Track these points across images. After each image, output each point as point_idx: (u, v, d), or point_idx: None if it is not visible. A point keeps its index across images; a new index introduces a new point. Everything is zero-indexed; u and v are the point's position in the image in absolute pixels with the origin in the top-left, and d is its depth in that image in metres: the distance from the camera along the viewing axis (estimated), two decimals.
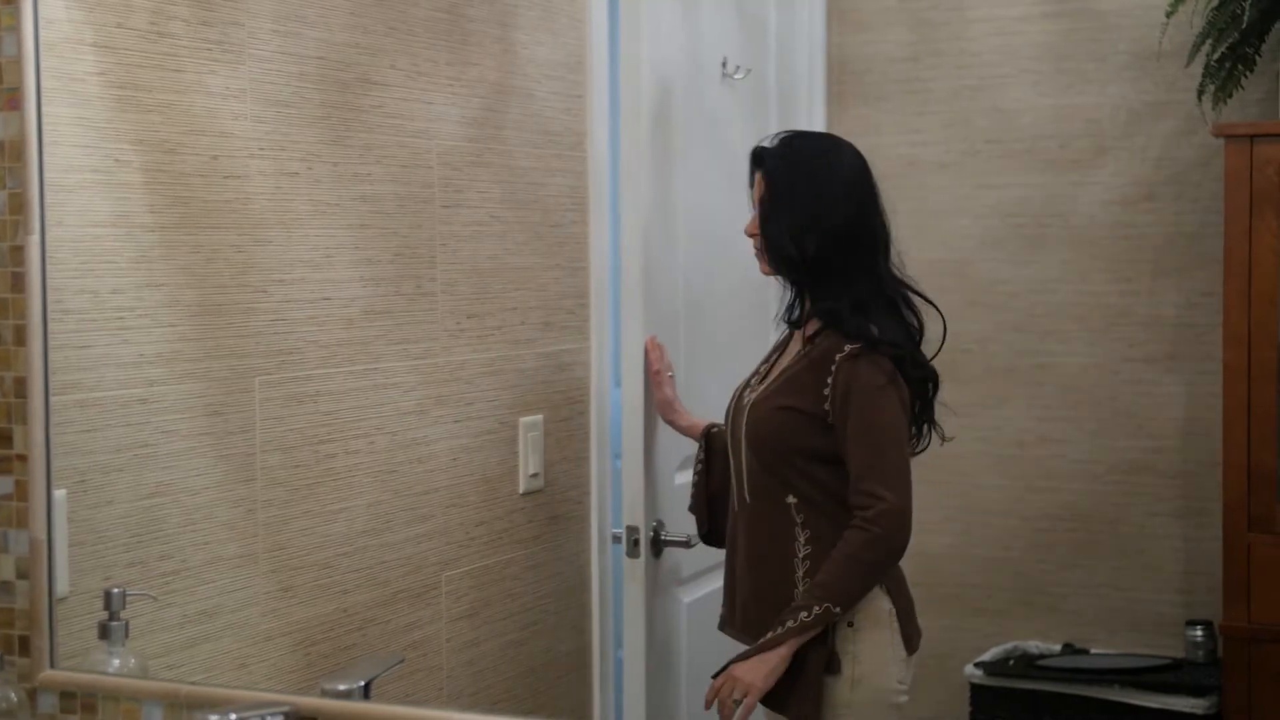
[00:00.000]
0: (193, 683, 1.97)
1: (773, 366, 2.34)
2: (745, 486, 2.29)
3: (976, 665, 2.89)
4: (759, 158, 2.32)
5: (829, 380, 2.20)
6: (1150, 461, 2.97)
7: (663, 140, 2.58)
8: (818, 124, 3.12)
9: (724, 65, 2.79)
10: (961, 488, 3.11)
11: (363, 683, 1.88)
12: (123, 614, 1.94)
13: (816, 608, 2.14)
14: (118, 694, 1.96)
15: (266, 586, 2.08)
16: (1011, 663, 2.90)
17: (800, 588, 2.20)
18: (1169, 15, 2.73)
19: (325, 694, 1.88)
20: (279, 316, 2.09)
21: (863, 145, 3.14)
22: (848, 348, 2.19)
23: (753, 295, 2.66)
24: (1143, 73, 2.91)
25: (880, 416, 2.19)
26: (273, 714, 1.79)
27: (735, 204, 2.36)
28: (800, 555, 2.21)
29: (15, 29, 1.94)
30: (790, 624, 2.14)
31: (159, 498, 1.97)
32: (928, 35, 3.10)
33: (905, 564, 2.22)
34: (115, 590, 1.93)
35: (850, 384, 2.18)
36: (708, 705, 2.19)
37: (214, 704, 1.85)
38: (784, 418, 2.24)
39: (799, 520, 2.22)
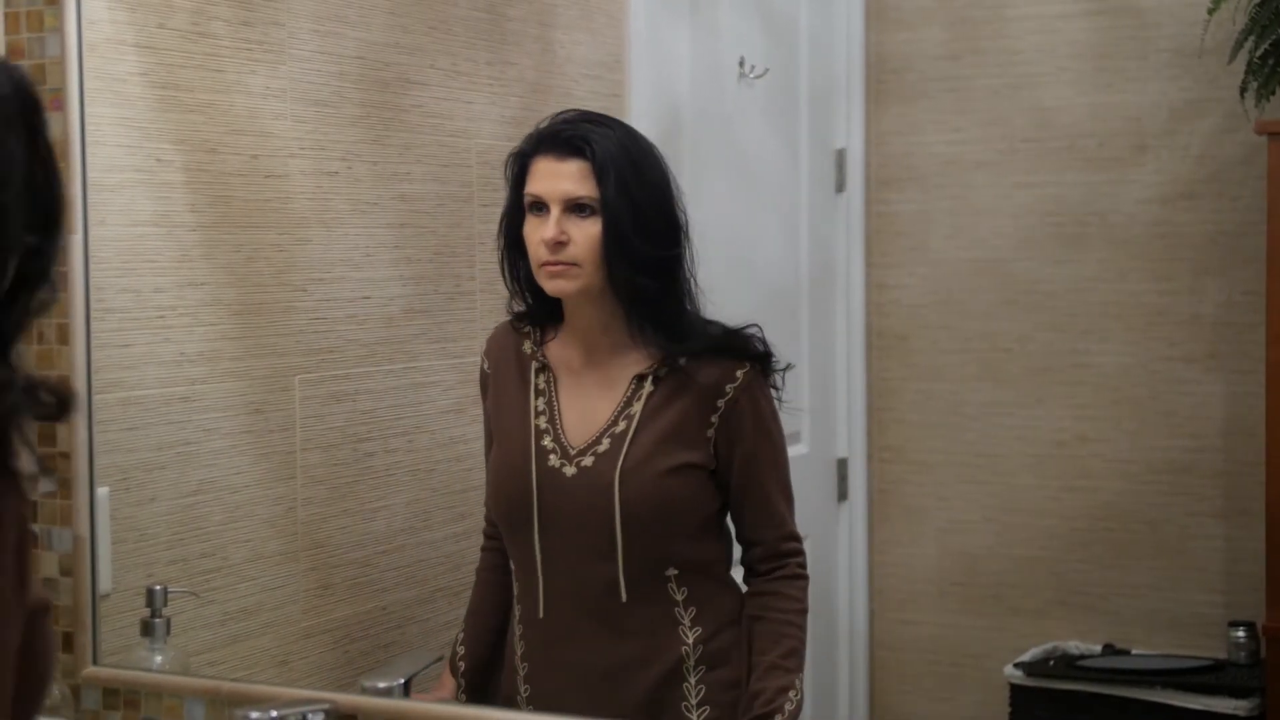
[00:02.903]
0: (234, 680, 1.98)
1: (575, 419, 1.86)
2: (622, 581, 1.83)
3: (1016, 665, 2.87)
4: (572, 142, 1.82)
5: (713, 419, 1.84)
6: (1191, 461, 2.95)
7: (670, 144, 2.58)
8: (856, 124, 3.10)
9: (741, 65, 2.78)
10: (999, 487, 3.09)
11: (403, 680, 1.89)
12: (164, 611, 1.95)
13: (799, 680, 1.84)
14: (160, 691, 1.97)
15: (306, 584, 2.09)
16: (1051, 663, 2.89)
17: (692, 678, 1.86)
18: (1211, 12, 2.71)
19: (365, 691, 1.89)
20: (319, 315, 2.10)
21: (902, 144, 3.15)
22: (739, 375, 1.85)
23: (781, 309, 2.64)
24: (1184, 70, 2.89)
25: (784, 449, 1.91)
26: (313, 711, 1.80)
27: (754, 210, 2.34)
28: (690, 641, 1.85)
29: (58, 30, 1.96)
30: (788, 705, 1.81)
31: (200, 495, 1.98)
32: (967, 33, 3.09)
33: (944, 562, 2.20)
34: (157, 587, 1.95)
35: (754, 416, 1.86)
36: None
37: (255, 701, 1.86)
38: (680, 482, 1.83)
39: (679, 598, 1.85)
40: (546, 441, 1.86)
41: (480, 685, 1.95)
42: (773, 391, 1.89)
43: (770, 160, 2.84)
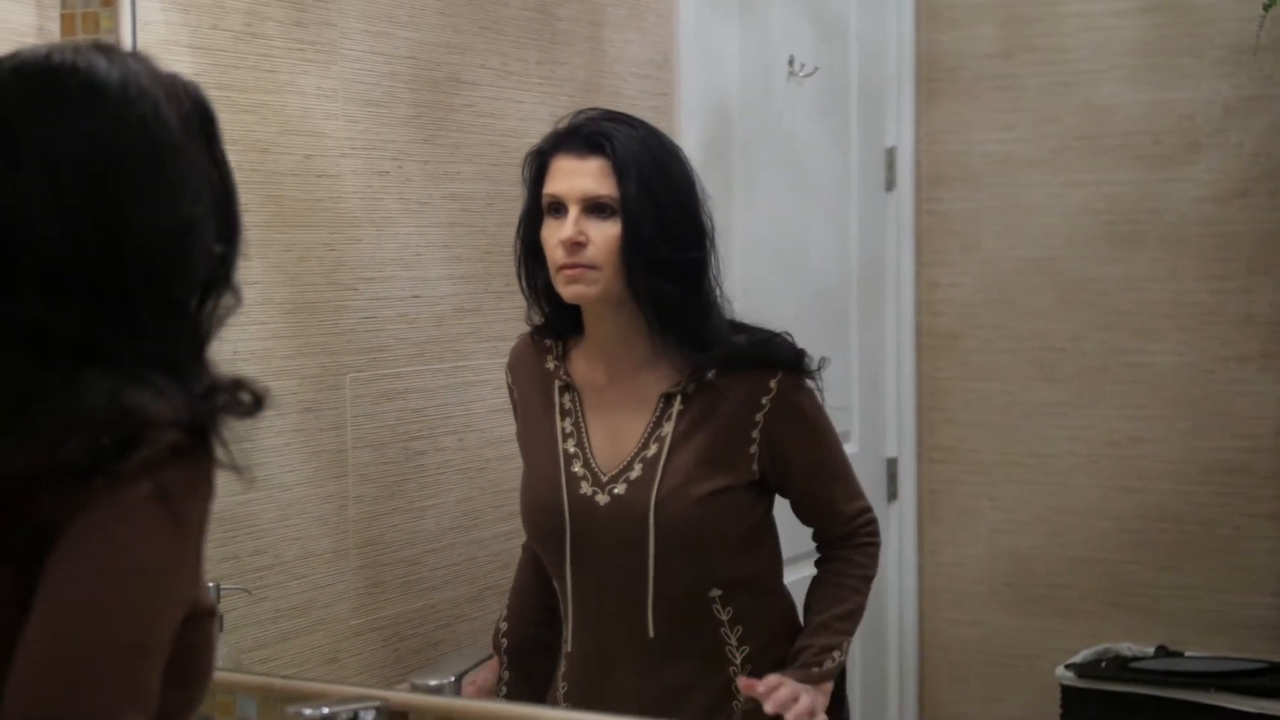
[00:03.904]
0: (285, 676, 1.99)
1: (603, 441, 1.80)
2: (650, 614, 1.78)
3: (1068, 667, 2.85)
4: (592, 139, 1.75)
5: (754, 435, 1.77)
6: (1245, 462, 2.92)
7: (719, 143, 2.58)
8: (906, 122, 3.09)
9: (791, 64, 2.77)
10: (1051, 488, 3.07)
11: (454, 678, 1.89)
12: (217, 608, 1.96)
13: (846, 642, 1.81)
14: (213, 687, 1.98)
15: (356, 582, 2.10)
16: (1104, 665, 2.86)
17: (742, 696, 1.79)
18: (1267, 9, 2.69)
19: (416, 689, 1.89)
20: (369, 314, 2.11)
21: (953, 142, 3.14)
22: (773, 385, 1.77)
23: (831, 308, 2.63)
24: (1239, 67, 2.87)
25: (835, 440, 1.86)
26: (365, 709, 1.81)
27: (804, 209, 2.33)
28: (738, 661, 1.80)
29: (114, 31, 1.98)
30: (828, 663, 1.78)
31: (252, 493, 1.99)
32: (1019, 31, 3.07)
33: (995, 562, 2.19)
34: (210, 584, 1.96)
35: (798, 423, 1.79)
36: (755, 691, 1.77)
37: (307, 698, 1.87)
38: (718, 507, 1.76)
39: (725, 618, 1.79)
40: (577, 467, 1.80)
41: (522, 662, 1.93)
42: (811, 385, 1.81)
43: (820, 159, 2.83)
